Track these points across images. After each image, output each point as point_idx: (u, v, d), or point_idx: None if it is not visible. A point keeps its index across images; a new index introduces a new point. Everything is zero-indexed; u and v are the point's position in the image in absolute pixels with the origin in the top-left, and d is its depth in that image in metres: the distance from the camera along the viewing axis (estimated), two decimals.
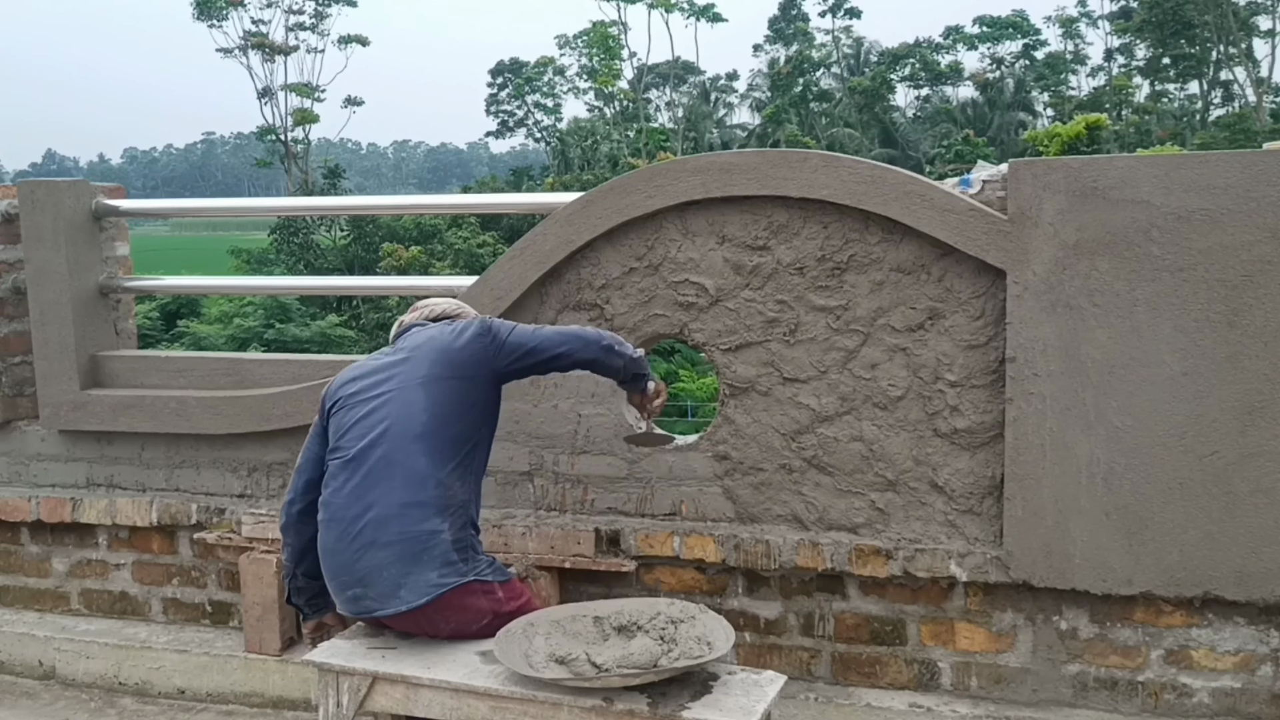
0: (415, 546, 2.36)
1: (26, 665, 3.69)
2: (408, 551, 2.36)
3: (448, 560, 2.37)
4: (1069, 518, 2.77)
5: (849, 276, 2.96)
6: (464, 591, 2.37)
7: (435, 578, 2.35)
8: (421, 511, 2.37)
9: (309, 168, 46.18)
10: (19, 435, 3.83)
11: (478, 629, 2.40)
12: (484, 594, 2.41)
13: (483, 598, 2.40)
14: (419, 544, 2.36)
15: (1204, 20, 45.85)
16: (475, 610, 2.39)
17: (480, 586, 2.40)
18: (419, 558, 2.36)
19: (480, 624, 2.40)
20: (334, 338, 17.59)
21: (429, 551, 2.36)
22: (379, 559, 2.37)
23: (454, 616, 2.39)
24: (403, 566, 2.36)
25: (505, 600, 2.45)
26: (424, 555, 2.36)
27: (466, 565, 2.40)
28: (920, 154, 47.92)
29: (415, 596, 2.35)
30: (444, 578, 2.35)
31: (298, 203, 7.67)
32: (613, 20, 49.42)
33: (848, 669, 3.06)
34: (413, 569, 2.35)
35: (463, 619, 2.39)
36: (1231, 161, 2.62)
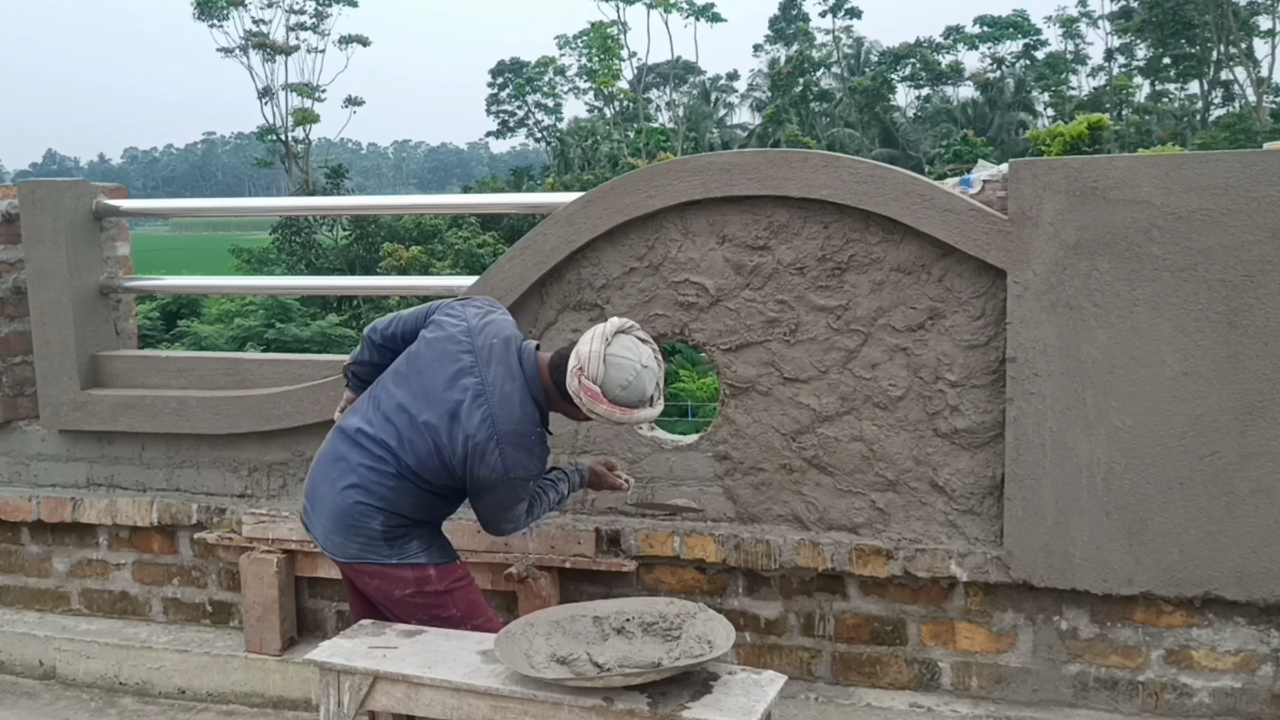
0: (347, 519, 2.53)
1: (27, 665, 3.69)
2: (340, 518, 2.53)
3: (372, 543, 2.53)
4: (1069, 518, 2.77)
5: (849, 276, 2.96)
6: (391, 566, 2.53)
7: (356, 550, 2.54)
8: (364, 497, 2.50)
9: (309, 168, 46.18)
10: (19, 435, 3.83)
11: (401, 595, 2.54)
12: (411, 569, 2.54)
13: (409, 570, 2.54)
14: (350, 518, 2.52)
15: (1204, 20, 45.84)
16: (398, 578, 2.54)
17: (408, 565, 2.54)
18: (346, 530, 2.53)
19: (404, 592, 2.54)
20: (334, 338, 17.57)
21: (356, 530, 2.53)
22: (325, 503, 2.57)
23: (374, 581, 2.56)
24: (333, 524, 2.55)
25: (435, 579, 2.56)
26: (353, 530, 2.53)
27: (391, 549, 2.54)
28: (920, 154, 47.93)
29: (339, 554, 2.57)
30: (364, 552, 2.53)
31: (298, 203, 7.67)
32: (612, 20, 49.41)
33: (848, 669, 3.06)
34: (339, 533, 2.54)
35: (384, 584, 2.55)
36: (1231, 161, 2.62)
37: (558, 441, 3.22)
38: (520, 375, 2.48)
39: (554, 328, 3.22)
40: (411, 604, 2.55)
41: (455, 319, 2.56)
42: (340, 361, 3.58)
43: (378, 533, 2.52)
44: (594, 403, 2.40)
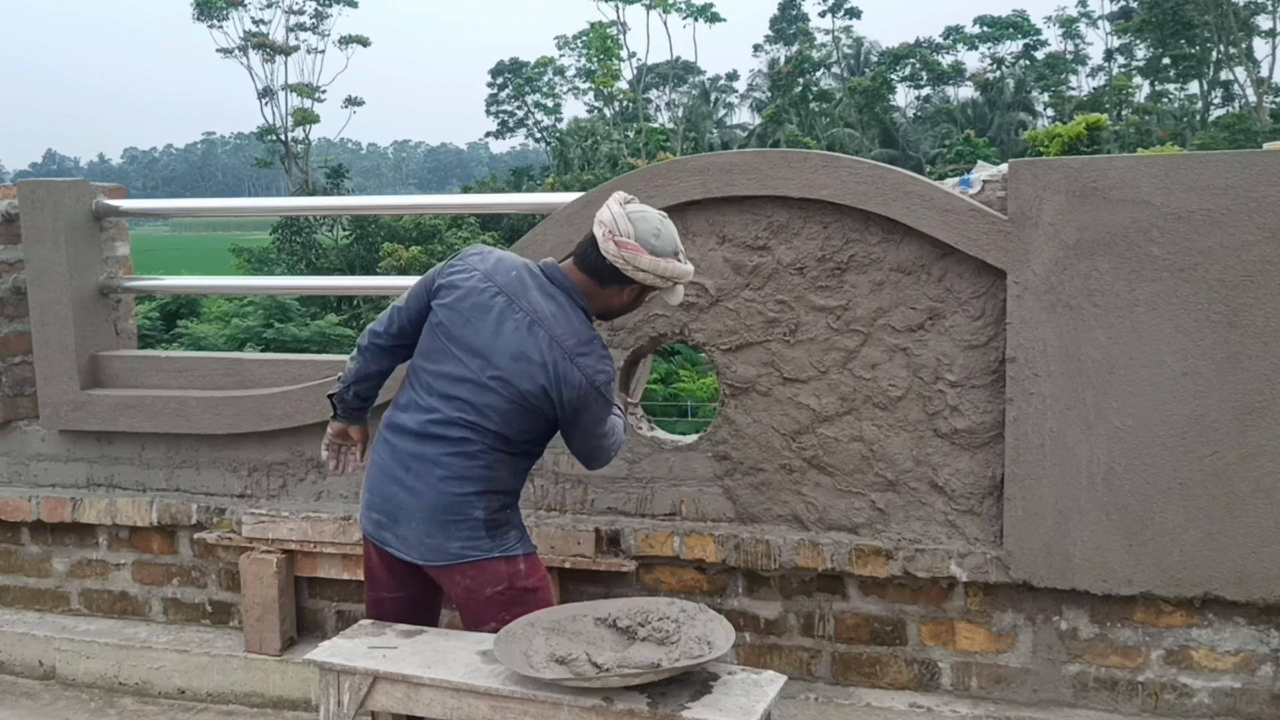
0: (447, 515, 2.42)
1: (27, 665, 3.69)
2: (438, 517, 2.42)
3: (474, 536, 2.43)
4: (1069, 518, 2.77)
5: (849, 276, 2.96)
6: (487, 561, 2.45)
7: (458, 548, 2.43)
8: (460, 486, 2.42)
9: (309, 168, 46.17)
10: (19, 435, 3.83)
11: (491, 593, 2.45)
12: (505, 563, 2.47)
13: (503, 564, 2.46)
14: (451, 513, 2.42)
15: (1204, 20, 45.84)
16: (492, 573, 2.45)
17: (505, 559, 2.47)
18: (447, 526, 2.42)
19: (495, 589, 2.45)
20: (334, 337, 17.57)
21: (458, 524, 2.42)
22: (412, 506, 2.44)
23: (466, 580, 2.46)
24: (430, 526, 2.43)
25: (525, 574, 2.50)
26: (452, 526, 2.42)
27: (493, 542, 2.45)
28: (920, 154, 47.94)
29: (435, 558, 2.44)
30: (466, 550, 2.43)
31: (298, 203, 7.66)
32: (611, 21, 49.41)
33: (848, 669, 3.06)
34: (438, 532, 2.42)
35: (478, 581, 2.46)
36: (1231, 161, 2.63)
37: (557, 441, 3.21)
38: (556, 290, 2.45)
39: None
40: (499, 600, 2.45)
41: (465, 273, 2.47)
42: (340, 362, 3.58)
43: (480, 522, 2.43)
44: (636, 257, 2.36)
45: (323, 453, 2.78)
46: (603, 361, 2.43)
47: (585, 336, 2.42)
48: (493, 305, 2.42)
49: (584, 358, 2.39)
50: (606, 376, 2.42)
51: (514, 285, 2.43)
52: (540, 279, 2.46)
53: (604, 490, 3.21)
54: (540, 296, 2.43)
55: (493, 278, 2.45)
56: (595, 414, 2.45)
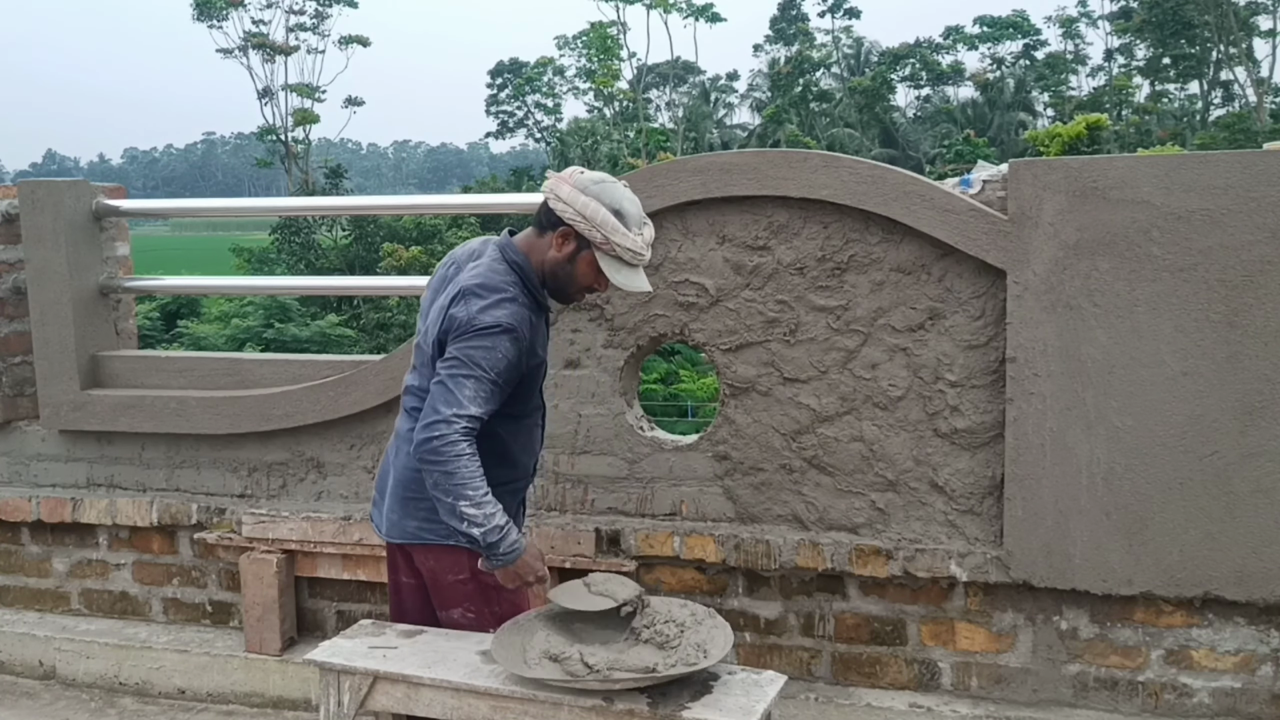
0: (405, 492, 2.45)
1: (27, 665, 3.69)
2: (399, 492, 2.47)
3: (430, 518, 2.38)
4: (1069, 518, 2.77)
5: (849, 276, 2.96)
6: (450, 547, 2.40)
7: (413, 527, 2.45)
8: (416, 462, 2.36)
9: (309, 168, 46.15)
10: (19, 435, 3.83)
11: (453, 580, 2.44)
12: (468, 553, 2.37)
13: (466, 554, 2.38)
14: (409, 490, 2.44)
15: (1204, 20, 45.82)
16: (453, 561, 2.42)
17: (466, 550, 2.36)
18: (406, 504, 2.45)
19: (457, 577, 2.43)
20: (334, 337, 17.57)
21: (415, 503, 2.43)
22: (388, 484, 2.51)
23: (432, 559, 2.46)
24: (394, 500, 2.48)
25: None
26: (410, 504, 2.44)
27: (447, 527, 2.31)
28: (920, 154, 47.93)
29: (396, 534, 2.48)
30: (421, 531, 2.44)
31: (298, 203, 7.67)
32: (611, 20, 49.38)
33: (848, 669, 3.06)
34: (399, 507, 2.47)
35: (440, 564, 2.45)
36: (1231, 161, 2.63)
37: (558, 441, 3.22)
38: (494, 250, 2.40)
39: (554, 328, 3.21)
40: (462, 591, 2.42)
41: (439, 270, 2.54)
42: (340, 361, 3.59)
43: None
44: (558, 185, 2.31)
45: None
46: (493, 310, 2.26)
47: (491, 284, 2.30)
48: (444, 277, 2.48)
49: (476, 299, 2.28)
50: (490, 321, 2.25)
51: (463, 255, 2.49)
52: (492, 244, 2.45)
53: (604, 490, 3.21)
54: (483, 260, 2.40)
55: (454, 255, 2.51)
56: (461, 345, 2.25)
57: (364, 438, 3.42)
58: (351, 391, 3.36)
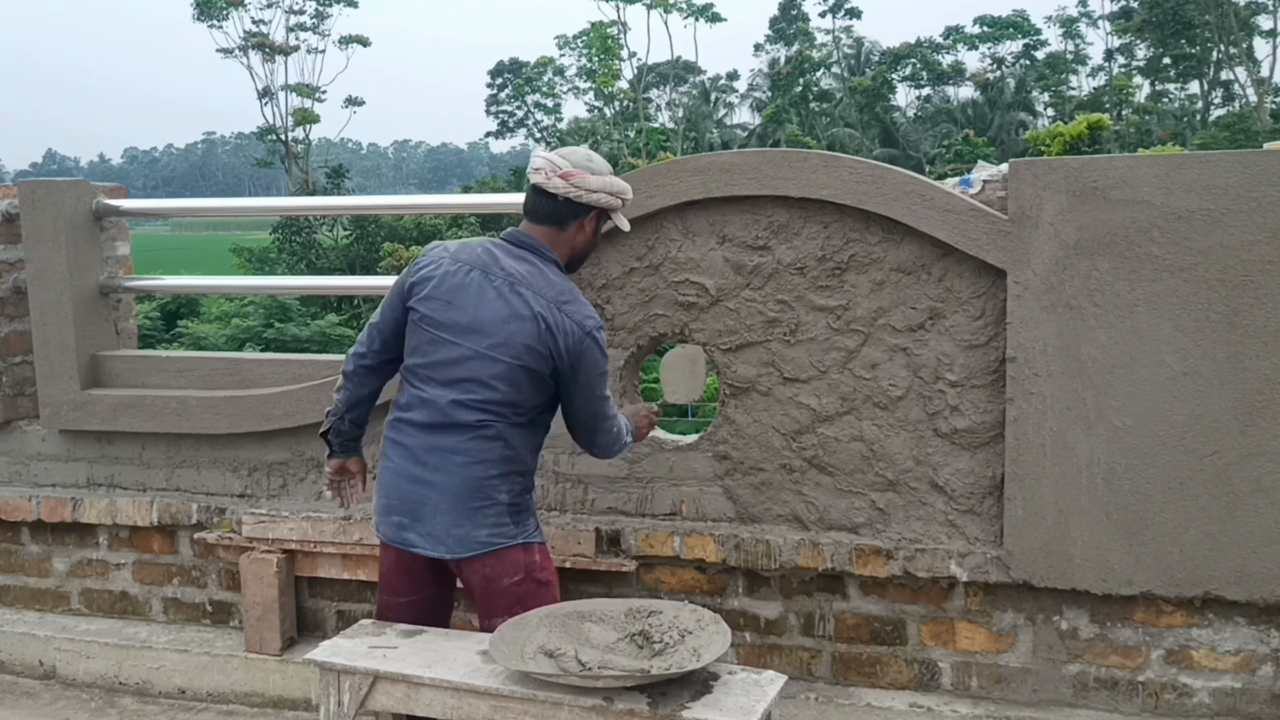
0: (473, 501, 2.43)
1: (27, 665, 3.69)
2: (464, 504, 2.43)
3: (500, 521, 2.45)
4: (1069, 518, 2.77)
5: (849, 276, 2.96)
6: (508, 550, 2.46)
7: (485, 536, 2.44)
8: (485, 469, 2.43)
9: (309, 168, 46.16)
10: (19, 435, 3.83)
11: (508, 584, 2.46)
12: (523, 551, 2.48)
13: (521, 553, 2.48)
14: (477, 499, 2.43)
15: (1204, 20, 45.83)
16: (511, 563, 2.46)
17: (523, 547, 2.48)
18: (473, 514, 2.43)
19: (513, 579, 2.46)
20: (334, 337, 17.58)
21: (484, 511, 2.43)
22: (435, 500, 2.45)
23: (489, 567, 2.46)
24: (457, 515, 2.43)
25: (540, 565, 2.52)
26: (478, 514, 2.43)
27: (517, 528, 2.47)
28: (921, 154, 47.93)
29: (463, 549, 2.44)
30: (493, 538, 2.44)
31: (298, 203, 7.69)
32: (612, 20, 49.39)
33: (848, 669, 3.06)
34: (465, 522, 2.43)
35: (497, 570, 2.46)
36: (1231, 161, 2.63)
37: (557, 441, 3.21)
38: (524, 251, 2.50)
39: None
40: (514, 593, 2.45)
41: (433, 264, 2.50)
42: (340, 362, 3.58)
43: (505, 506, 2.44)
44: (584, 180, 2.46)
45: (325, 493, 2.79)
46: (588, 308, 2.48)
47: (565, 287, 2.47)
48: (470, 281, 2.45)
49: (569, 305, 2.44)
50: (595, 322, 2.46)
51: (484, 259, 2.48)
52: (506, 246, 2.51)
53: (604, 490, 3.21)
54: (512, 261, 2.48)
55: (461, 258, 2.50)
56: (593, 363, 2.45)
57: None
58: None
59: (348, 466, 2.75)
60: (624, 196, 2.55)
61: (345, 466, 2.74)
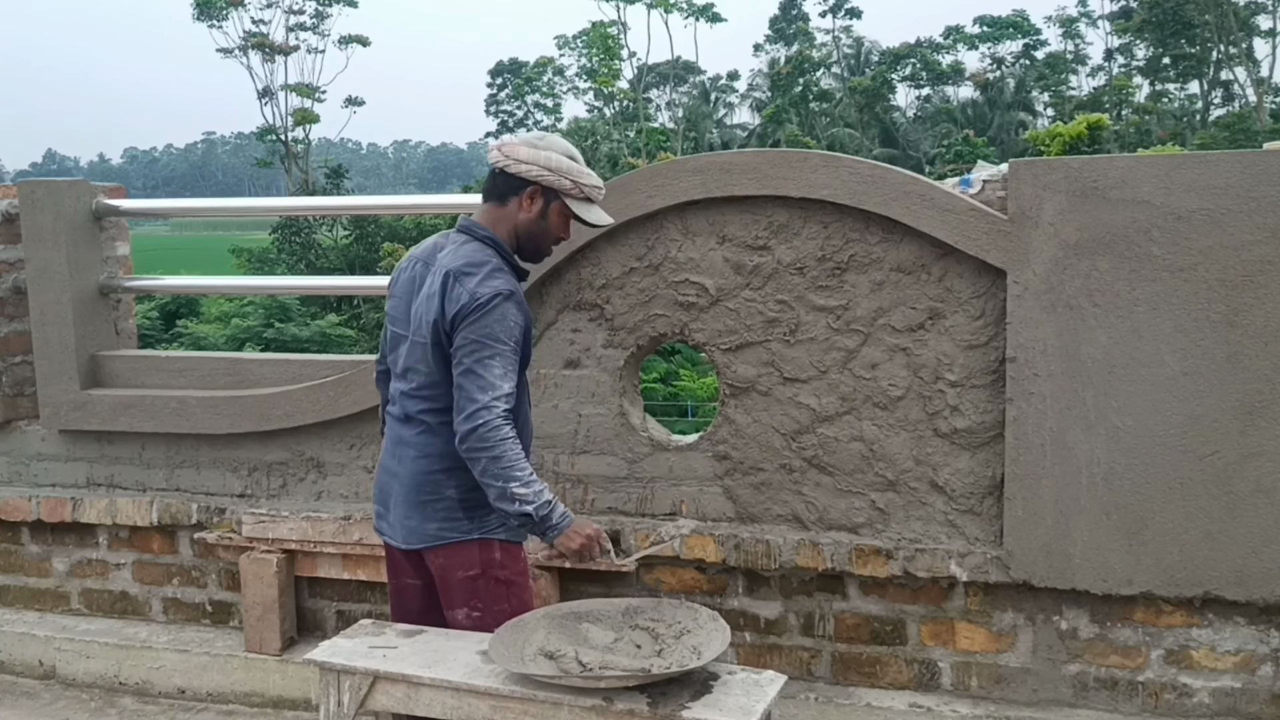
0: (421, 494, 2.46)
1: (27, 665, 3.69)
2: (413, 497, 2.46)
3: (451, 516, 2.45)
4: (1069, 518, 2.77)
5: (849, 276, 2.96)
6: (461, 544, 2.45)
7: (434, 529, 2.45)
8: (430, 463, 2.45)
9: (309, 168, 46.13)
10: (19, 435, 3.83)
11: (463, 576, 2.45)
12: (479, 546, 2.45)
13: (477, 548, 2.45)
14: (424, 492, 2.45)
15: (1204, 20, 45.80)
16: (465, 556, 2.45)
17: (480, 542, 2.45)
18: (423, 507, 2.46)
19: (467, 573, 2.45)
20: (334, 337, 17.55)
21: (432, 505, 2.45)
22: (396, 491, 2.51)
23: (442, 558, 2.47)
24: (408, 507, 2.47)
25: (500, 563, 2.47)
26: (427, 507, 2.45)
27: (471, 523, 2.45)
28: (920, 154, 47.92)
29: (416, 540, 2.48)
30: (444, 531, 2.45)
31: (298, 203, 7.69)
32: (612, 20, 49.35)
33: (848, 669, 3.06)
34: (414, 514, 2.46)
35: (450, 562, 2.46)
36: (1231, 161, 2.62)
37: (558, 441, 3.22)
38: (461, 234, 2.48)
39: (554, 327, 3.22)
40: (470, 586, 2.45)
41: (397, 270, 2.58)
42: (340, 361, 3.59)
43: (455, 501, 2.43)
44: (514, 149, 2.42)
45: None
46: (489, 281, 2.33)
47: (475, 261, 2.38)
48: (413, 276, 2.50)
49: (468, 276, 2.35)
50: (490, 291, 2.32)
51: (428, 251, 2.52)
52: (452, 234, 2.51)
53: (604, 490, 3.21)
54: (450, 246, 2.47)
55: (413, 254, 2.56)
56: (474, 329, 2.30)
57: (364, 437, 3.42)
58: (351, 391, 3.36)
59: None
60: (568, 175, 2.42)
61: None
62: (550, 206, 2.47)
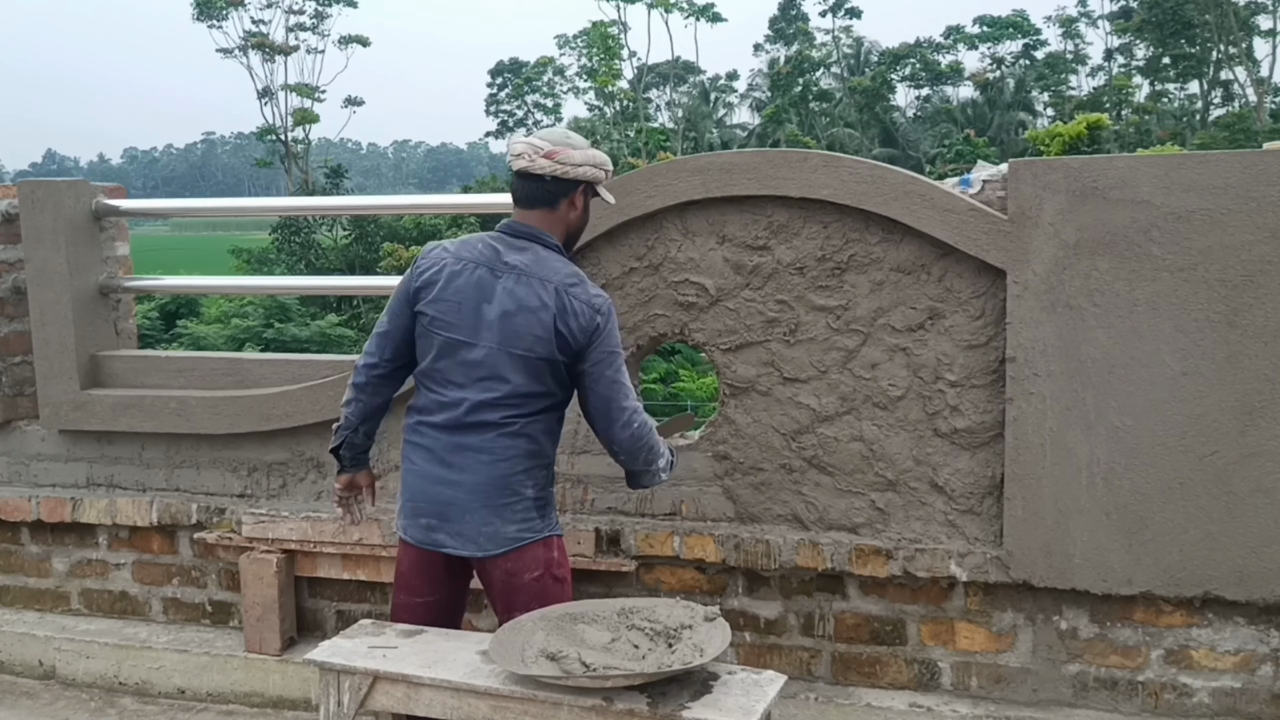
0: (502, 498, 2.45)
1: (26, 665, 3.69)
2: (494, 500, 2.45)
3: (528, 516, 2.47)
4: (1069, 518, 2.77)
5: (849, 276, 2.96)
6: (535, 544, 2.49)
7: (514, 531, 2.46)
8: (512, 465, 2.45)
9: (309, 168, 46.12)
10: (19, 435, 3.83)
11: (529, 579, 2.47)
12: (544, 546, 2.51)
13: (543, 549, 2.50)
14: (506, 495, 2.45)
15: (1204, 20, 45.82)
16: (533, 558, 2.48)
17: (544, 541, 2.51)
18: (502, 511, 2.45)
19: (533, 574, 2.48)
20: (333, 337, 17.55)
21: (512, 507, 2.45)
22: (463, 499, 2.45)
23: (510, 562, 2.48)
24: (487, 513, 2.45)
25: (558, 561, 2.54)
26: (507, 510, 2.45)
27: (543, 522, 2.51)
28: (920, 154, 47.92)
29: (494, 546, 2.46)
30: (522, 533, 2.47)
31: (298, 203, 7.68)
32: (612, 20, 49.36)
33: (848, 669, 3.06)
34: (494, 519, 2.45)
35: (519, 565, 2.48)
36: (1231, 161, 2.63)
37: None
38: (524, 241, 2.50)
39: None
40: (533, 589, 2.45)
41: (436, 266, 2.48)
42: (340, 361, 3.58)
43: (531, 501, 2.46)
44: (568, 154, 2.47)
45: (336, 510, 2.78)
46: (596, 288, 2.50)
47: (569, 271, 2.48)
48: (475, 279, 2.45)
49: (576, 287, 2.46)
50: (604, 301, 2.47)
51: (487, 255, 2.48)
52: (506, 239, 2.51)
53: (604, 490, 3.21)
54: (515, 253, 2.48)
55: (464, 256, 2.49)
56: (606, 343, 2.45)
57: None
58: None
59: (357, 481, 2.75)
60: (605, 167, 2.55)
61: (355, 481, 2.74)
62: (588, 199, 2.59)
